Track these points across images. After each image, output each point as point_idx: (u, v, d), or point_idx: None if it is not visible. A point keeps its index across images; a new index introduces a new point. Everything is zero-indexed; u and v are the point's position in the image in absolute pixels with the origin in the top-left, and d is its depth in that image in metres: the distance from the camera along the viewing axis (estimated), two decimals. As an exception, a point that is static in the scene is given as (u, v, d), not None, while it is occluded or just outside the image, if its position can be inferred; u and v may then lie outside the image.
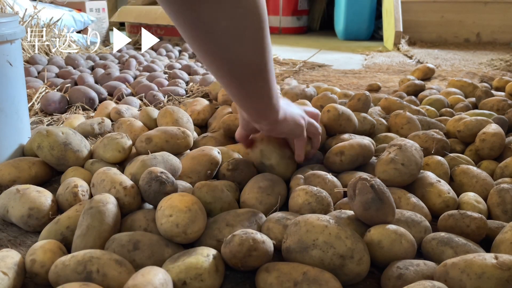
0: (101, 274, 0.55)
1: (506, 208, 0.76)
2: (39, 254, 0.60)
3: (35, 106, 1.39)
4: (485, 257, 0.55)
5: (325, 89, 1.48)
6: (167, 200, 0.66)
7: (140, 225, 0.68)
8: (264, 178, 0.82)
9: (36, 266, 0.59)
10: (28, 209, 0.72)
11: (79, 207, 0.70)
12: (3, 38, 0.91)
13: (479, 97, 1.33)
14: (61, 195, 0.78)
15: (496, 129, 0.97)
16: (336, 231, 0.60)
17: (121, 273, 0.55)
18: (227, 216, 0.69)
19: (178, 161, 0.84)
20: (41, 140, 0.88)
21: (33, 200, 0.73)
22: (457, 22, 3.08)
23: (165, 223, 0.63)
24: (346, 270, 0.59)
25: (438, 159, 0.89)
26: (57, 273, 0.56)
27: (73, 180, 0.80)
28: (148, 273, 0.52)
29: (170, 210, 0.63)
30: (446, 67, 2.24)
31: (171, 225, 0.62)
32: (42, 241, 0.62)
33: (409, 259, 0.63)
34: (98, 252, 0.57)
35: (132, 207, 0.73)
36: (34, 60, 1.90)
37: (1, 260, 0.58)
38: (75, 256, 0.56)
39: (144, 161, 0.79)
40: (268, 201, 0.77)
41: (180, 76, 1.73)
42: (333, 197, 0.80)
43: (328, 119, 0.98)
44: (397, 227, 0.64)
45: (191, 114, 1.18)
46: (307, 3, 3.76)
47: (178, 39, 2.74)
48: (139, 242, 0.62)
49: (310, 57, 2.38)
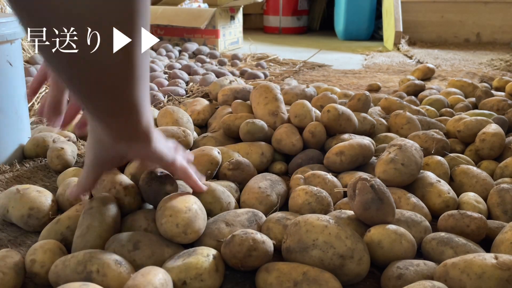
0: (101, 274, 0.55)
1: (506, 208, 0.76)
2: (39, 254, 0.60)
3: (35, 106, 1.40)
4: (485, 257, 0.55)
5: (325, 89, 1.48)
6: (167, 200, 0.66)
7: (140, 225, 0.68)
8: (264, 178, 0.82)
9: (36, 266, 0.59)
10: (28, 209, 0.72)
11: (79, 207, 0.70)
12: (3, 38, 0.91)
13: (479, 97, 1.33)
14: (61, 195, 0.78)
15: (496, 129, 0.97)
16: (336, 231, 0.60)
17: (121, 273, 0.55)
18: (227, 216, 0.69)
19: None
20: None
21: (33, 200, 0.73)
22: (457, 22, 3.08)
23: (165, 223, 0.63)
24: (346, 270, 0.59)
25: (438, 159, 0.89)
26: (57, 273, 0.56)
27: (73, 180, 0.80)
28: (148, 273, 0.52)
29: (170, 210, 0.63)
30: (446, 67, 2.24)
31: (171, 225, 0.62)
32: (42, 241, 0.62)
33: (409, 259, 0.63)
34: (98, 252, 0.57)
35: (132, 207, 0.73)
36: (34, 60, 1.90)
37: (1, 260, 0.58)
38: (75, 256, 0.56)
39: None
40: (268, 201, 0.77)
41: (180, 76, 1.73)
42: (333, 197, 0.80)
43: (328, 119, 0.98)
44: (397, 227, 0.64)
45: (191, 114, 1.18)
46: (307, 3, 3.76)
47: (178, 39, 2.74)
48: (139, 242, 0.62)
49: (310, 57, 2.37)
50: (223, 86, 1.32)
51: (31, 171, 0.98)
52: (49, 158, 0.96)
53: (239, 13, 2.88)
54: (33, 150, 1.02)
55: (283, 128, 0.99)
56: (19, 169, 0.98)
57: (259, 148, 0.97)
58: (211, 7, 2.73)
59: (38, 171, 0.98)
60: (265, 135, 1.00)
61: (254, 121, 0.99)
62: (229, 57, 2.37)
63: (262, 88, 1.08)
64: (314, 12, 3.92)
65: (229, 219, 0.69)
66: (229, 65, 2.19)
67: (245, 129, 0.99)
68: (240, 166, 0.87)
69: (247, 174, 0.86)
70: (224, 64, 2.17)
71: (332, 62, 2.38)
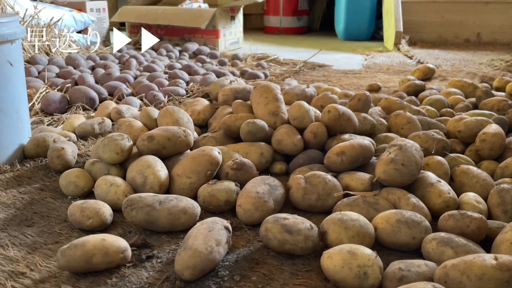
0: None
1: (506, 208, 0.76)
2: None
3: (36, 106, 1.39)
4: (485, 258, 0.54)
5: (326, 89, 1.48)
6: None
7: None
8: (263, 182, 0.82)
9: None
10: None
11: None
12: (4, 38, 0.91)
13: (480, 97, 1.33)
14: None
15: (496, 129, 0.97)
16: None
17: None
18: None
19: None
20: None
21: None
22: (458, 22, 3.08)
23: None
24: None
25: (438, 159, 0.89)
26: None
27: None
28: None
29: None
30: (447, 67, 2.24)
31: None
32: None
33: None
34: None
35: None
36: (35, 60, 1.90)
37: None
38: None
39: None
40: (265, 207, 0.77)
41: (181, 76, 1.73)
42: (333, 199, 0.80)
43: (329, 119, 0.98)
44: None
45: (192, 114, 1.18)
46: (308, 3, 3.76)
47: (178, 39, 2.74)
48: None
49: (310, 57, 2.37)
50: (223, 86, 1.32)
51: (31, 171, 0.98)
52: (49, 158, 0.96)
53: (239, 13, 2.88)
54: (34, 150, 1.02)
55: (283, 128, 0.99)
56: (19, 169, 0.98)
57: (258, 148, 0.97)
58: (211, 7, 2.73)
59: (38, 171, 0.98)
60: (265, 135, 1.00)
61: (255, 121, 0.99)
62: (230, 57, 2.37)
63: (263, 88, 1.08)
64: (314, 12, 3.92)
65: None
66: (229, 65, 2.19)
67: (246, 129, 0.99)
68: (244, 167, 0.87)
69: (250, 176, 0.86)
70: (224, 64, 2.17)
71: (333, 62, 2.38)
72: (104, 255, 0.63)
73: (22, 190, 0.90)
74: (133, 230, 0.77)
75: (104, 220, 0.75)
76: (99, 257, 0.63)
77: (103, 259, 0.63)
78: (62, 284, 0.63)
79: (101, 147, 0.89)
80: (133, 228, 0.77)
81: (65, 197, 0.87)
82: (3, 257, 0.68)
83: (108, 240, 0.65)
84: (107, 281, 0.63)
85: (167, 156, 0.93)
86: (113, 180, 0.83)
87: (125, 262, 0.66)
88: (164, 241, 0.74)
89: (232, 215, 0.82)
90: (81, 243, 0.64)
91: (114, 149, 0.88)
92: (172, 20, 2.64)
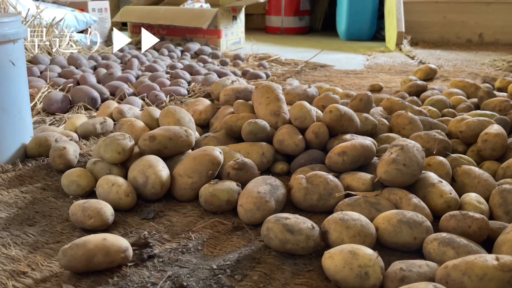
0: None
1: (508, 208, 0.76)
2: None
3: (38, 105, 1.40)
4: (487, 258, 0.54)
5: (327, 90, 1.48)
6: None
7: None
8: (264, 182, 0.82)
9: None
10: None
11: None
12: (6, 38, 0.91)
13: (481, 98, 1.33)
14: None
15: (498, 130, 0.97)
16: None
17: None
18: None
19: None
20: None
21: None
22: (460, 22, 3.07)
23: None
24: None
25: (440, 159, 0.89)
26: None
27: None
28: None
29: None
30: (448, 67, 2.23)
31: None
32: None
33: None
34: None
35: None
36: (37, 59, 1.91)
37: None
38: None
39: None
40: (266, 207, 0.77)
41: (182, 76, 1.73)
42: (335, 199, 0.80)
43: (330, 120, 0.98)
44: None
45: (193, 114, 1.19)
46: (309, 3, 3.76)
47: (180, 39, 2.74)
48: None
49: (312, 57, 2.37)
50: (225, 86, 1.32)
51: (33, 170, 0.98)
52: (51, 157, 0.97)
53: (241, 13, 2.88)
54: (36, 150, 1.02)
55: (285, 128, 0.99)
56: (21, 168, 0.98)
57: (260, 148, 0.97)
58: (213, 7, 2.74)
59: (40, 170, 0.98)
60: (267, 135, 1.00)
61: (257, 121, 1.00)
62: (231, 57, 2.37)
63: (264, 88, 1.08)
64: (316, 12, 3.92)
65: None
66: (231, 65, 2.19)
67: (247, 129, 0.99)
68: (245, 167, 0.87)
69: (251, 176, 0.86)
70: (226, 64, 2.17)
71: (334, 62, 2.38)
72: (106, 254, 0.64)
73: (24, 190, 0.90)
74: (134, 229, 0.77)
75: (106, 220, 0.75)
76: (101, 257, 0.63)
77: (104, 258, 0.63)
78: (64, 283, 0.63)
79: (102, 147, 0.89)
80: (134, 228, 0.78)
81: (66, 196, 0.88)
82: (5, 256, 0.68)
83: (110, 240, 0.65)
84: (109, 281, 0.63)
85: (169, 156, 0.93)
86: (115, 179, 0.83)
87: (127, 261, 0.66)
88: (166, 240, 0.74)
89: (233, 215, 0.82)
90: (83, 242, 0.64)
91: (116, 149, 0.88)
92: (174, 20, 2.64)
